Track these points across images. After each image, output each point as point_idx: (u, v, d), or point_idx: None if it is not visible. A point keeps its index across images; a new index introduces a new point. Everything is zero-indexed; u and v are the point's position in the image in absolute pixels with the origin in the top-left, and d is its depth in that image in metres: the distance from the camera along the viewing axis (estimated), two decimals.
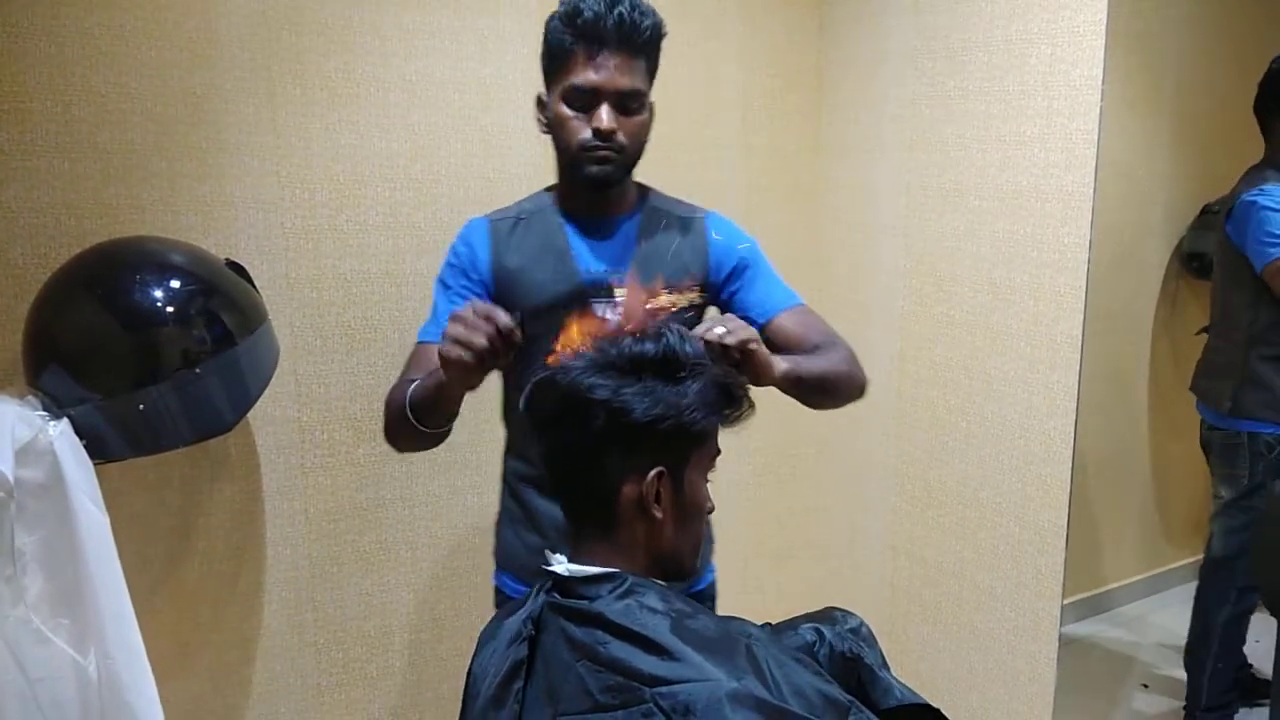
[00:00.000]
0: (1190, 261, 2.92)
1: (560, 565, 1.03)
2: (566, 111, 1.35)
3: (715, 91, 2.31)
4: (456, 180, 2.00)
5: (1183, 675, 2.47)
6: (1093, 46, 1.78)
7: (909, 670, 2.35)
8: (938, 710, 1.09)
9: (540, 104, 1.42)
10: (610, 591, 0.97)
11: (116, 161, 1.70)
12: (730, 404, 1.04)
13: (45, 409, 1.36)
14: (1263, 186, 2.21)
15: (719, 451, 1.06)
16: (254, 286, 1.70)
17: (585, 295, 1.40)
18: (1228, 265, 2.34)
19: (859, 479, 2.50)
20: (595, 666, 0.92)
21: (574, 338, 1.07)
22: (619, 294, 1.41)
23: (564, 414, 0.99)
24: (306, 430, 1.94)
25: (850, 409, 1.46)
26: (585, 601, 0.97)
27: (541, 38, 1.37)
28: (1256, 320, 2.27)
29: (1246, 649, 2.46)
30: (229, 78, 1.77)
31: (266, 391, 1.65)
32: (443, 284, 1.45)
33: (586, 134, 1.34)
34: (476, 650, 1.11)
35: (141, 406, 1.43)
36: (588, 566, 1.00)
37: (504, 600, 1.50)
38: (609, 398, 0.96)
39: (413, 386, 1.28)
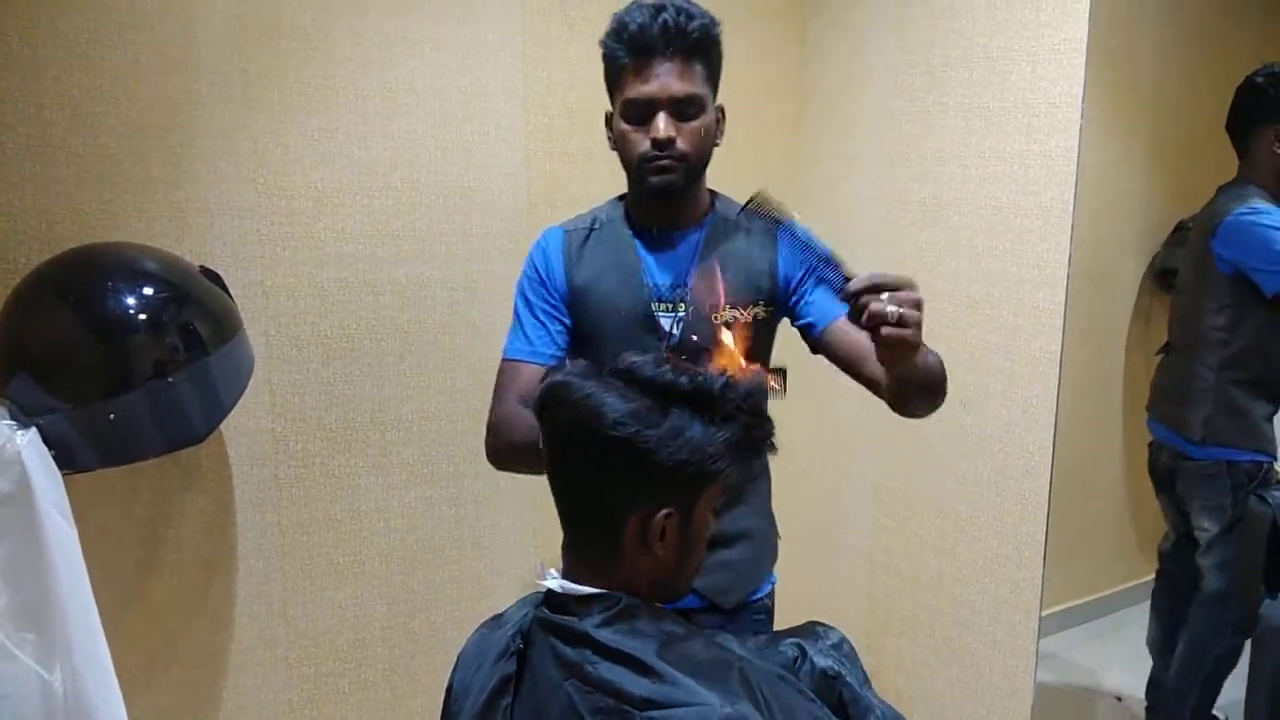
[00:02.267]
0: (1164, 278, 2.95)
1: (553, 581, 1.01)
2: (625, 126, 1.34)
3: None
4: (435, 189, 1.99)
5: None
6: (1073, 64, 1.80)
7: (887, 683, 2.35)
8: None
9: (608, 121, 1.41)
10: (603, 611, 0.95)
11: (89, 166, 1.67)
12: (756, 450, 1.00)
13: (13, 418, 1.33)
14: (1253, 204, 2.15)
15: (732, 484, 1.02)
16: (229, 294, 1.68)
17: (650, 309, 1.39)
18: (1205, 285, 2.26)
19: (838, 492, 2.50)
20: (585, 687, 0.90)
21: (728, 357, 1.06)
22: (680, 309, 1.40)
23: (579, 436, 0.94)
24: (280, 441, 1.91)
25: (830, 422, 1.46)
26: (576, 620, 0.95)
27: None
28: (1232, 343, 2.20)
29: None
30: (205, 83, 1.75)
31: (240, 401, 1.62)
32: (524, 298, 1.44)
33: (645, 145, 1.33)
34: (456, 666, 1.09)
35: (112, 416, 1.40)
36: (582, 586, 0.98)
37: None
38: (632, 436, 0.90)
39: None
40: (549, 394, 0.97)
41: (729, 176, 2.30)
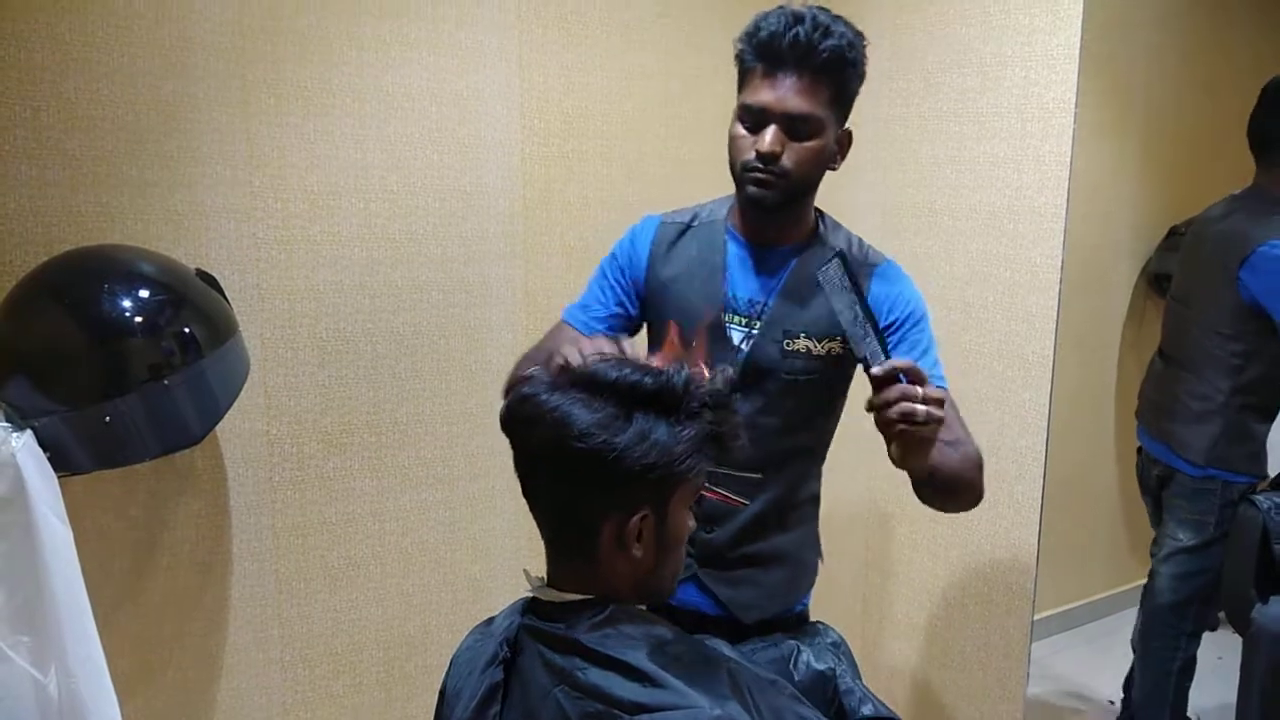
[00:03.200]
0: (1157, 282, 2.96)
1: (539, 589, 1.01)
2: (738, 129, 1.33)
3: (692, 107, 2.31)
4: (432, 193, 1.99)
5: None
6: (1066, 70, 1.81)
7: (880, 686, 2.35)
8: None
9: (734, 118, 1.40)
10: (589, 617, 0.95)
11: (86, 169, 1.67)
12: (724, 448, 1.00)
13: (8, 420, 1.33)
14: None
15: (704, 484, 1.02)
16: (225, 297, 1.68)
17: (722, 319, 1.38)
18: (1221, 306, 2.16)
19: (832, 495, 2.50)
20: (574, 693, 0.90)
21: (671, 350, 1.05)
22: (755, 326, 1.39)
23: (547, 451, 0.94)
24: (276, 444, 1.91)
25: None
26: (563, 626, 0.95)
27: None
28: (1247, 370, 2.14)
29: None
30: (202, 86, 1.75)
31: (235, 404, 1.62)
32: (602, 271, 1.47)
33: (751, 154, 1.30)
34: (449, 669, 1.09)
35: (107, 418, 1.40)
36: (566, 593, 0.98)
37: None
38: (599, 446, 0.91)
39: None
40: (513, 411, 0.97)
41: (725, 181, 2.29)
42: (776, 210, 1.34)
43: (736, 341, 1.39)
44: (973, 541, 2.09)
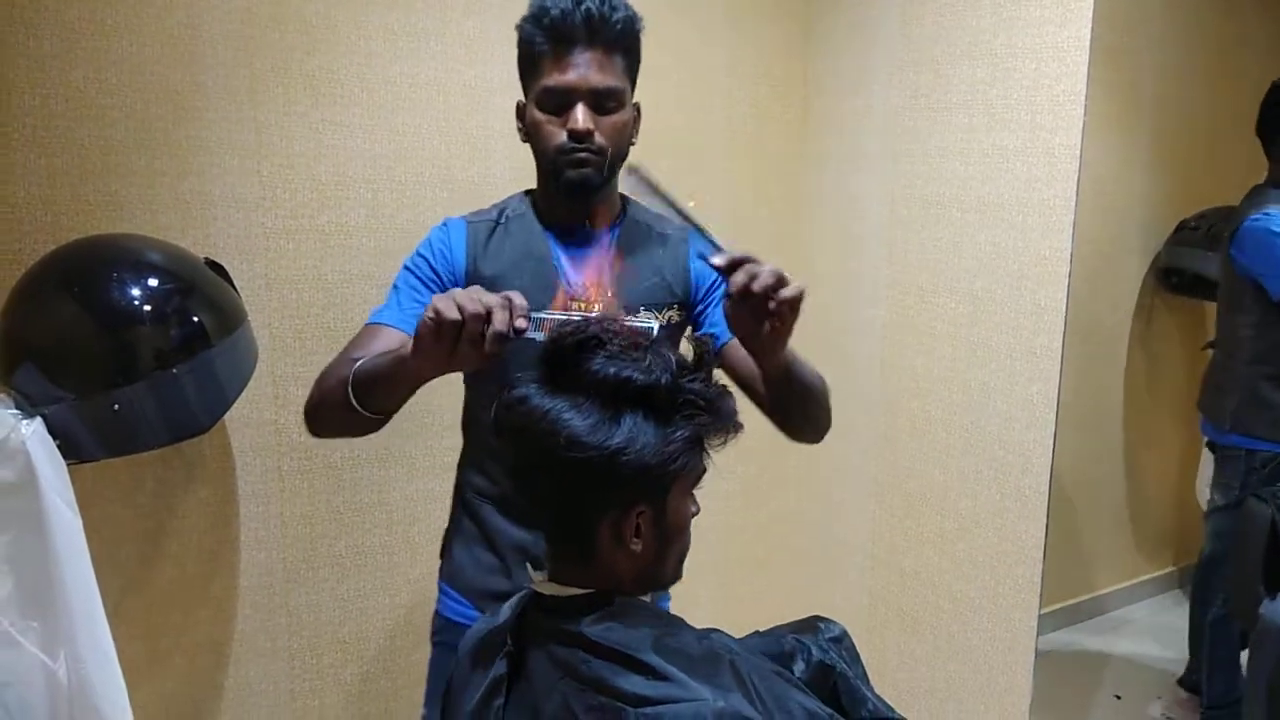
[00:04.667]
0: (1167, 277, 2.95)
1: (541, 583, 1.02)
2: (541, 115, 1.30)
3: (701, 100, 2.31)
4: (440, 183, 1.99)
5: (1156, 686, 2.49)
6: (1076, 61, 1.80)
7: (886, 680, 2.35)
8: None
9: (519, 111, 1.37)
10: (592, 610, 0.95)
11: (94, 158, 1.68)
12: (719, 439, 0.98)
13: (18, 408, 1.33)
14: (1267, 210, 2.21)
15: (705, 470, 1.00)
16: (233, 286, 1.68)
17: (570, 306, 1.34)
18: (1230, 288, 2.35)
19: (839, 488, 2.50)
20: (578, 686, 0.90)
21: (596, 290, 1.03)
22: (595, 309, 1.33)
23: (539, 457, 0.93)
24: (283, 433, 1.92)
25: (833, 418, 1.44)
26: (566, 620, 0.95)
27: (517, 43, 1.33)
28: (1259, 340, 2.29)
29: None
30: (211, 75, 1.76)
31: (243, 393, 1.63)
32: (411, 274, 1.35)
33: (562, 137, 1.28)
34: (457, 660, 1.09)
35: (116, 407, 1.40)
36: (568, 587, 0.98)
37: (446, 625, 1.45)
38: (591, 455, 0.89)
39: (361, 362, 1.18)
40: (501, 418, 0.96)
41: (735, 171, 2.29)
42: (596, 190, 1.33)
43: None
44: (979, 535, 2.08)
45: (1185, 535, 3.36)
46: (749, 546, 2.59)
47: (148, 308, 1.48)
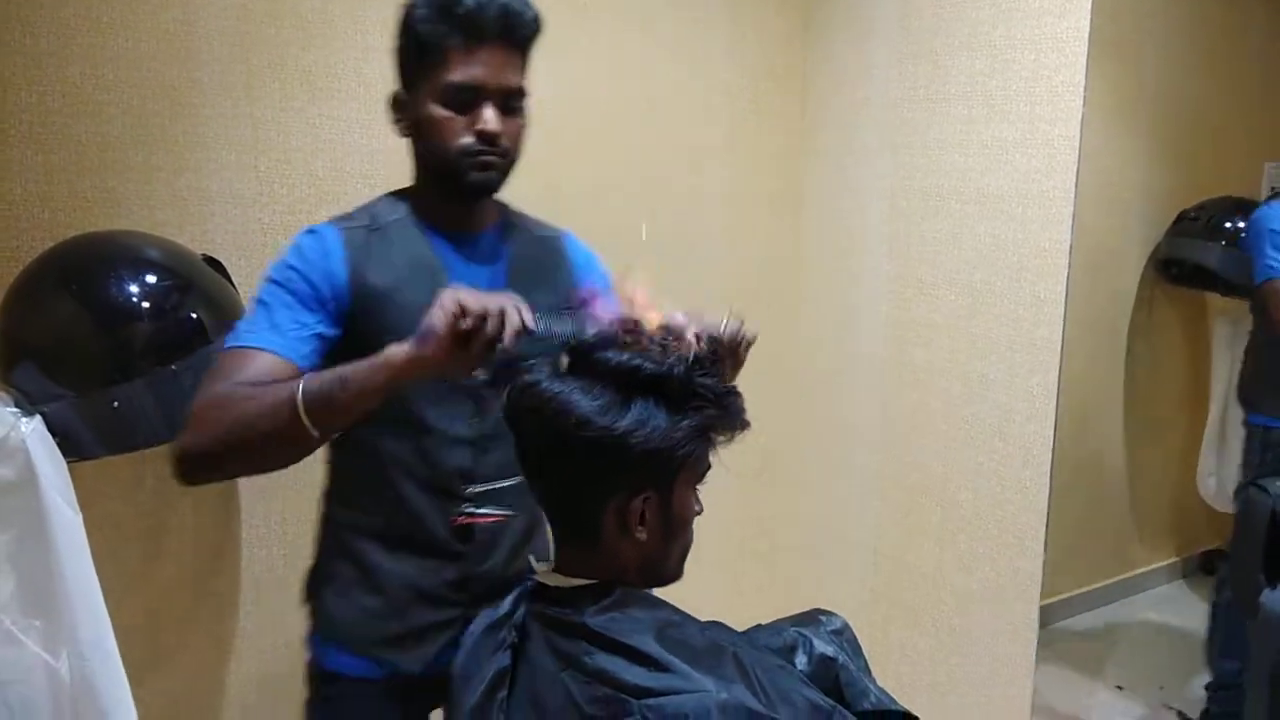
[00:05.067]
0: (1167, 268, 2.94)
1: (545, 574, 1.02)
2: (442, 112, 1.19)
3: (699, 93, 2.30)
4: None
5: (1158, 677, 2.50)
6: (1075, 53, 1.79)
7: (889, 672, 2.36)
8: (914, 716, 1.09)
9: (398, 104, 1.26)
10: (595, 601, 0.96)
11: (91, 154, 1.67)
12: (726, 435, 1.00)
13: (17, 405, 1.33)
14: (1270, 201, 2.32)
15: (709, 465, 1.02)
16: (231, 283, 1.68)
17: None
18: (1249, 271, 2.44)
19: (840, 482, 2.50)
20: (581, 677, 0.91)
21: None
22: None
23: (549, 437, 0.95)
24: None
25: (831, 413, 1.45)
26: (569, 611, 0.96)
27: (400, 29, 1.23)
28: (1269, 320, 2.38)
29: None
30: (207, 70, 1.75)
31: None
32: (280, 291, 1.17)
33: (468, 138, 1.19)
34: (459, 653, 1.09)
35: (116, 404, 1.40)
36: (572, 577, 0.99)
37: (331, 678, 1.31)
38: (600, 433, 0.91)
39: (304, 380, 1.03)
40: (514, 400, 0.98)
41: (733, 164, 2.29)
42: (493, 194, 1.27)
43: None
44: (980, 527, 2.08)
45: (1187, 526, 3.36)
46: (750, 540, 2.59)
47: (146, 304, 1.48)
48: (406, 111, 1.25)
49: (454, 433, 1.25)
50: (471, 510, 1.27)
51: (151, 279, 1.51)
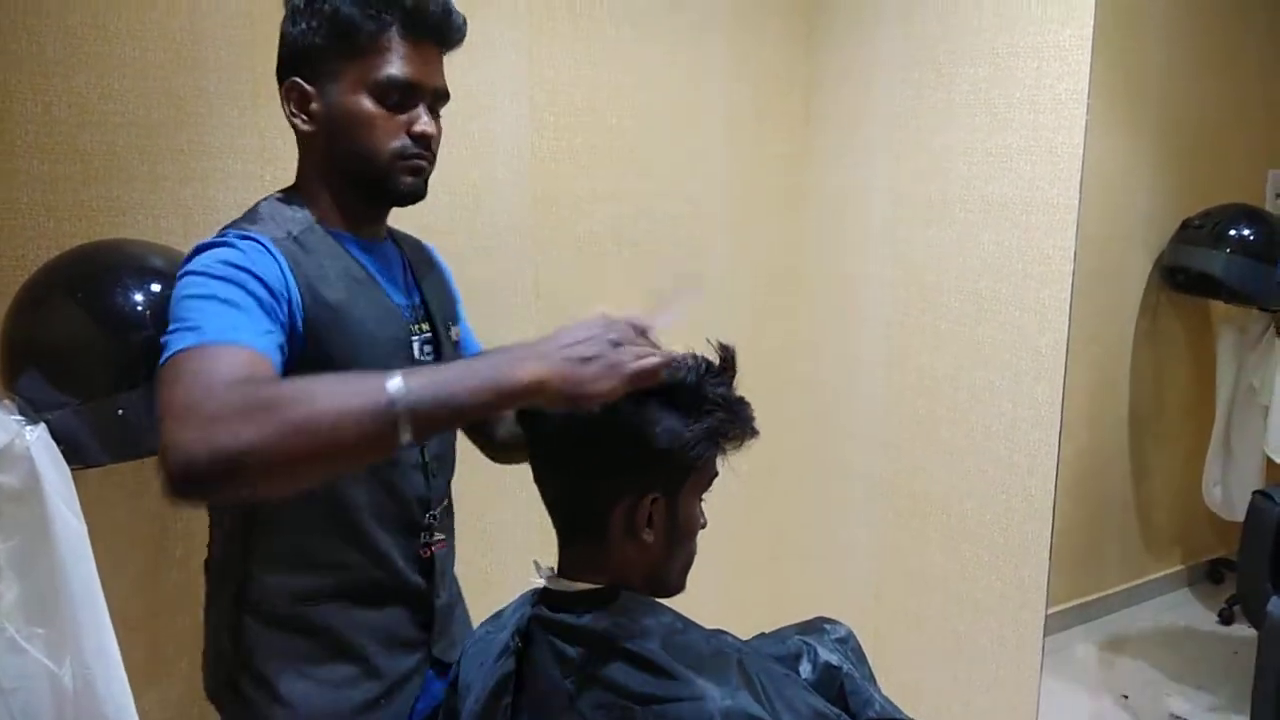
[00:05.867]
0: (1172, 275, 2.94)
1: (549, 579, 1.02)
2: (373, 109, 1.09)
3: (703, 99, 2.31)
4: (443, 187, 1.98)
5: (1163, 687, 2.48)
6: (1078, 60, 1.79)
7: (894, 680, 2.34)
8: None
9: (302, 94, 1.13)
10: (599, 608, 0.95)
11: (97, 163, 1.68)
12: (735, 443, 1.00)
13: (22, 413, 1.33)
14: None
15: (716, 474, 1.03)
16: None
17: (409, 334, 1.18)
18: None
19: (844, 488, 2.50)
20: (586, 684, 0.91)
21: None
22: (423, 329, 1.22)
23: (561, 434, 0.96)
24: None
25: (837, 418, 1.44)
26: (574, 617, 0.96)
27: (307, 8, 1.13)
28: None
29: None
30: (213, 79, 1.75)
31: None
32: (243, 289, 0.99)
33: (401, 140, 1.11)
34: (459, 661, 1.09)
35: (121, 411, 1.40)
36: (577, 583, 0.99)
37: None
38: (610, 431, 0.93)
39: (408, 379, 0.84)
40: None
41: (736, 170, 2.29)
42: (419, 201, 1.18)
43: (418, 353, 1.19)
44: (985, 535, 2.08)
45: (1192, 535, 3.35)
46: (754, 547, 2.59)
47: (151, 312, 1.48)
48: (314, 104, 1.12)
49: (413, 459, 1.22)
50: (429, 539, 1.24)
51: (156, 287, 1.50)
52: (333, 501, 1.11)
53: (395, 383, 0.83)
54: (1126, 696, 2.67)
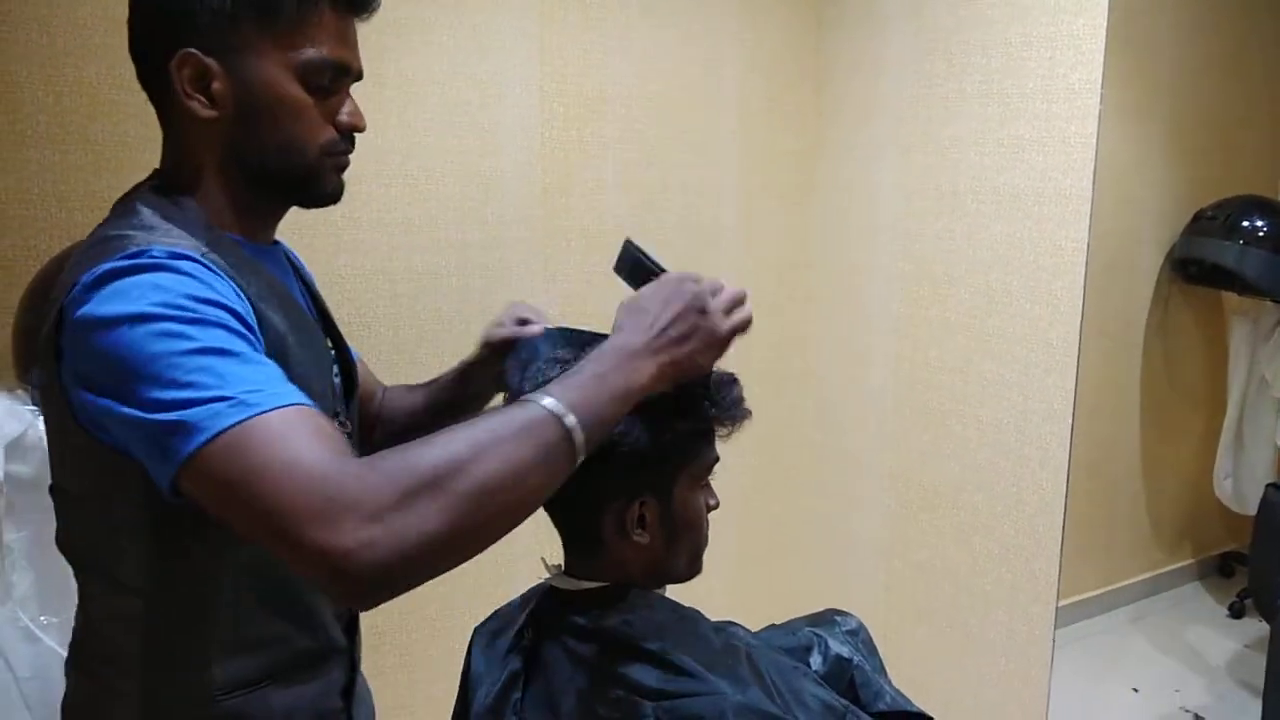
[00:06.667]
0: (1184, 267, 2.93)
1: (556, 577, 1.01)
2: (302, 96, 0.90)
3: (713, 91, 2.30)
4: (452, 177, 1.99)
5: (1173, 680, 2.48)
6: (1091, 50, 1.78)
7: (904, 673, 2.34)
8: (929, 717, 1.08)
9: (198, 69, 0.86)
10: (608, 604, 0.95)
11: (108, 154, 1.68)
12: (726, 429, 0.98)
13: (34, 404, 1.34)
14: None
15: (716, 459, 1.00)
16: None
17: (331, 361, 1.04)
18: None
19: (854, 481, 2.49)
20: (596, 680, 0.90)
21: None
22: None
23: None
24: None
25: (847, 411, 1.43)
26: (583, 613, 0.95)
27: None
28: None
29: None
30: None
31: None
32: (229, 331, 0.79)
33: (330, 132, 0.94)
34: (470, 657, 1.09)
35: None
36: (583, 581, 0.98)
37: None
38: None
39: (564, 398, 0.79)
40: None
41: (746, 162, 2.28)
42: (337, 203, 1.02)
43: (333, 373, 1.05)
44: (996, 528, 2.07)
45: (1204, 528, 3.34)
46: (764, 539, 2.59)
47: None
48: (216, 83, 0.87)
49: None
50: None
51: None
52: (264, 575, 0.92)
53: (559, 410, 0.78)
54: (1137, 689, 2.67)
